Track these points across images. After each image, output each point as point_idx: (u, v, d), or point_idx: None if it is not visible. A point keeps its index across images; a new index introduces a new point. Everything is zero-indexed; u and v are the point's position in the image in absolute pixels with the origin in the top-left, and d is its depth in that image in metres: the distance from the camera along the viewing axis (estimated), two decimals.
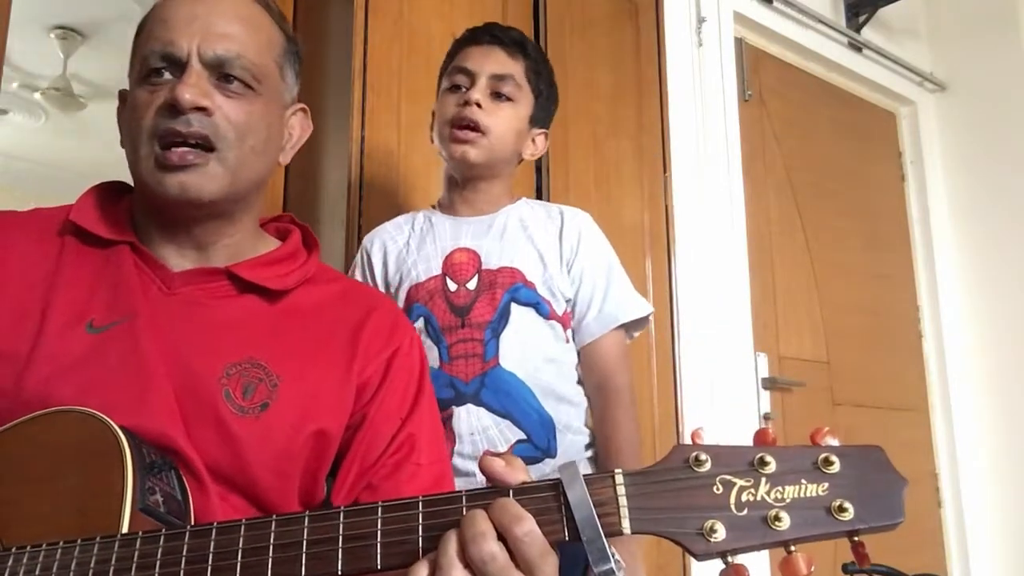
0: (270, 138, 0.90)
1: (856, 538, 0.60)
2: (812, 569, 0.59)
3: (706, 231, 2.42)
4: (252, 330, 0.86)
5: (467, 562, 0.59)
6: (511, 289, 1.28)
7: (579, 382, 1.32)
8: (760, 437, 0.63)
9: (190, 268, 0.88)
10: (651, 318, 1.37)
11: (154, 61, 0.84)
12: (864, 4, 3.04)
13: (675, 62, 2.43)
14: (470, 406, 1.23)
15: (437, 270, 1.31)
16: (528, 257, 1.31)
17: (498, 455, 0.64)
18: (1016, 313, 2.95)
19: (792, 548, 0.60)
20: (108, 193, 0.93)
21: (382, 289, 1.37)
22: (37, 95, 3.84)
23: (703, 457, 0.61)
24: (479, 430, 1.22)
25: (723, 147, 2.54)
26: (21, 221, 0.90)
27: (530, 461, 1.20)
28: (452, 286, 1.29)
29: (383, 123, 1.73)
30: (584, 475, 0.61)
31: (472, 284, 1.29)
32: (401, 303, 1.32)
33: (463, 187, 1.35)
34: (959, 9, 3.24)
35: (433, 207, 1.40)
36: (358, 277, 1.40)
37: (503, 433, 1.22)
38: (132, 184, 0.92)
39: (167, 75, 0.84)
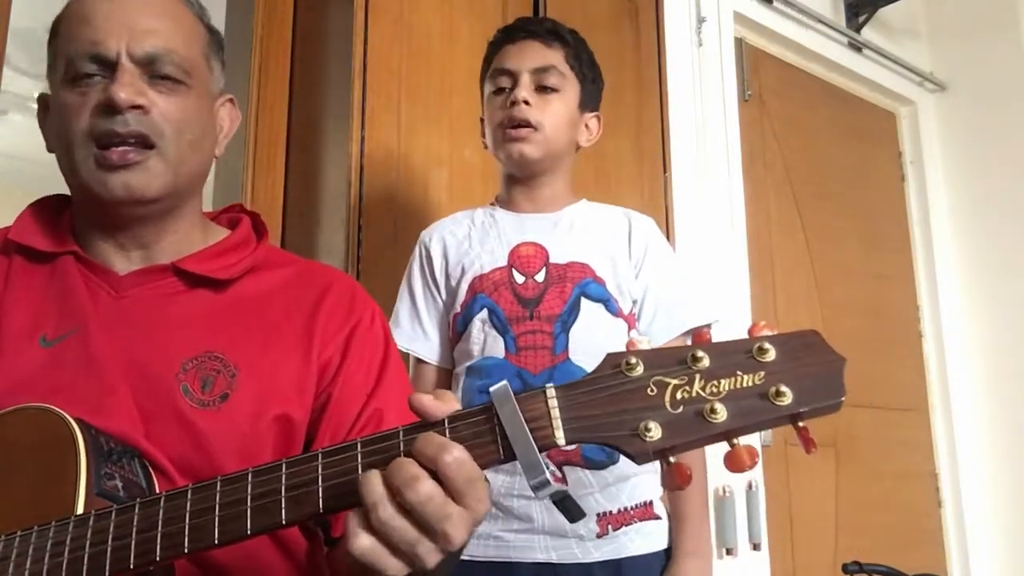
0: (205, 131, 0.89)
1: (800, 423, 0.58)
2: (756, 460, 0.58)
3: (706, 231, 2.42)
4: (205, 323, 0.85)
5: (404, 508, 0.59)
6: (581, 283, 1.27)
7: None
8: (697, 337, 0.62)
9: (136, 269, 0.88)
10: (714, 326, 1.32)
11: (83, 63, 0.83)
12: (864, 4, 3.04)
13: (675, 62, 2.43)
14: None
15: (502, 262, 1.30)
16: (597, 253, 1.30)
17: (428, 392, 0.64)
18: (1016, 313, 2.95)
19: (735, 441, 0.58)
20: (46, 207, 0.93)
21: (441, 281, 1.36)
22: (37, 95, 3.84)
23: (634, 361, 0.60)
24: None
25: (723, 147, 2.54)
26: None
27: (597, 464, 1.22)
28: (519, 278, 1.28)
29: (383, 123, 1.73)
30: (515, 394, 0.61)
31: (540, 276, 1.28)
32: (463, 295, 1.31)
33: (525, 184, 1.35)
34: (959, 9, 3.24)
35: (492, 204, 1.40)
36: (415, 270, 1.39)
37: None
38: (69, 194, 0.92)
39: (96, 76, 0.83)
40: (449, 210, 1.78)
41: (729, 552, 2.19)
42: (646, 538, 1.23)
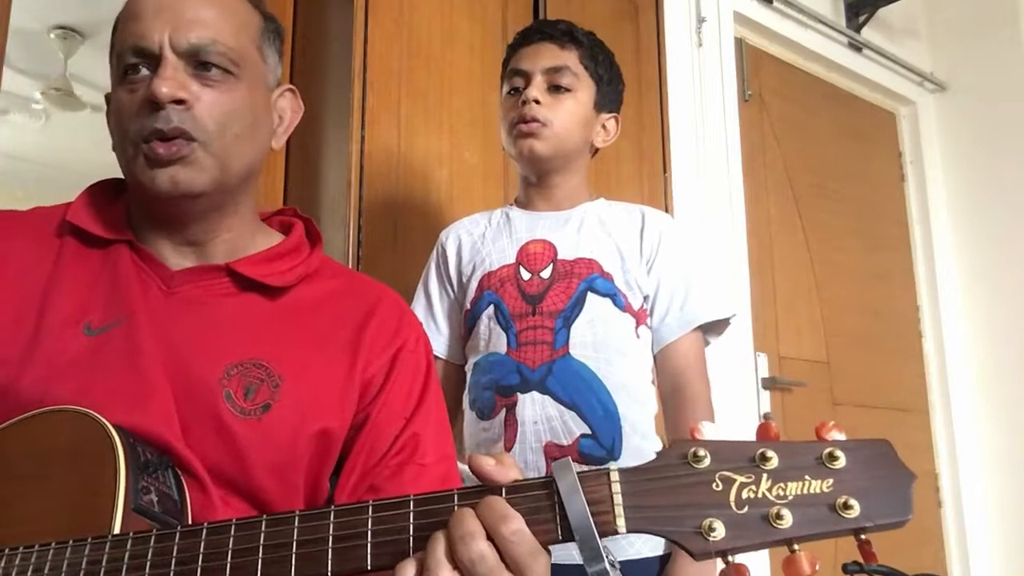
0: (256, 123, 0.87)
1: (863, 536, 0.58)
2: (816, 568, 0.57)
3: (706, 231, 2.42)
4: (253, 329, 0.84)
5: (456, 563, 0.58)
6: (588, 279, 1.27)
7: (652, 383, 1.31)
8: (763, 431, 0.61)
9: (190, 266, 0.86)
10: (731, 321, 1.33)
11: (128, 57, 0.81)
12: (864, 4, 3.05)
13: (675, 62, 2.43)
14: (535, 394, 1.22)
15: (511, 259, 1.31)
16: (606, 250, 1.30)
17: (489, 454, 0.63)
18: (1016, 313, 2.95)
19: (795, 547, 0.58)
20: (105, 191, 0.92)
21: (454, 279, 1.37)
22: (37, 95, 3.84)
23: (702, 453, 0.59)
24: (543, 419, 1.21)
25: (723, 147, 2.54)
26: (20, 221, 0.89)
27: (594, 460, 1.21)
28: (525, 275, 1.30)
29: (383, 123, 1.73)
30: (578, 472, 0.60)
31: (546, 273, 1.29)
32: (472, 291, 1.32)
33: (538, 184, 1.36)
34: (959, 9, 3.24)
35: (511, 204, 1.41)
36: (432, 269, 1.41)
37: (567, 425, 1.21)
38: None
39: (143, 71, 0.81)
40: (449, 210, 1.78)
41: None
42: (647, 541, 1.22)
